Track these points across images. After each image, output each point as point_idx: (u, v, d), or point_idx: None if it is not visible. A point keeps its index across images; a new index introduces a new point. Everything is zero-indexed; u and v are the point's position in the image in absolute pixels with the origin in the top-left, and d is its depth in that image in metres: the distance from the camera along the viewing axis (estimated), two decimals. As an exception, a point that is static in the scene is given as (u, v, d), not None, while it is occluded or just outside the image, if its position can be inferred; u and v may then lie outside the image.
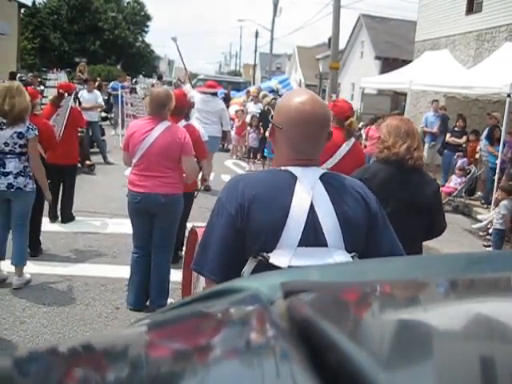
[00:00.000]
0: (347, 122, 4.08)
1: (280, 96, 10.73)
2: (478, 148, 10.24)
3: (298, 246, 1.60)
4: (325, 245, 1.62)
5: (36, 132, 4.42)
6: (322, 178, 1.69)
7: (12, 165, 4.35)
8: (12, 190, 4.34)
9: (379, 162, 2.97)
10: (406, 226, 2.87)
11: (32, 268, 4.87)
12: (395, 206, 2.81)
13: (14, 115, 4.29)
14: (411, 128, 2.95)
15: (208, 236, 1.71)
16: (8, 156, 4.34)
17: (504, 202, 7.09)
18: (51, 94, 6.91)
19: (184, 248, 3.65)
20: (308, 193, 1.63)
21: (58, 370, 0.80)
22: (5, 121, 4.30)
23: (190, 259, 3.63)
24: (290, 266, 1.58)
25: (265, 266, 1.58)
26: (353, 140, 4.17)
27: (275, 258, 1.60)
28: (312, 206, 1.62)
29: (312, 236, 1.61)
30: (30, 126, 4.39)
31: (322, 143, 1.77)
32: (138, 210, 4.10)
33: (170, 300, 4.24)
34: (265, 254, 1.60)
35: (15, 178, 4.35)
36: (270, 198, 1.62)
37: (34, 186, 4.52)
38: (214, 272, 1.67)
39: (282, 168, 1.71)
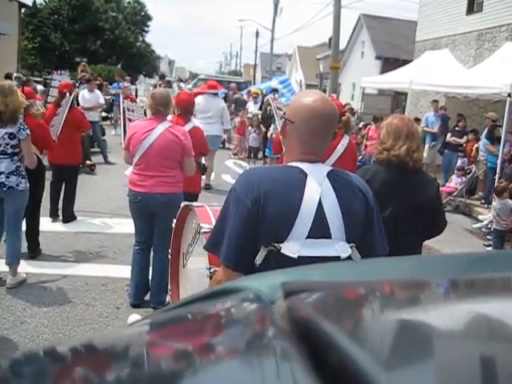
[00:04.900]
0: (344, 118, 4.32)
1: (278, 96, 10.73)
2: (475, 146, 10.22)
3: (307, 237, 1.73)
4: (329, 237, 1.76)
5: (28, 132, 4.38)
6: (329, 174, 1.82)
7: (3, 165, 4.34)
8: (4, 188, 4.34)
9: (378, 163, 2.92)
10: (406, 226, 2.86)
11: (33, 268, 4.88)
12: (396, 208, 2.80)
13: (8, 115, 4.27)
14: (411, 129, 2.90)
15: (223, 223, 1.82)
16: (0, 156, 4.34)
17: (493, 203, 7.16)
18: (56, 93, 6.98)
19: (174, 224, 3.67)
20: (317, 189, 1.77)
21: (58, 369, 0.81)
22: None
23: (180, 232, 3.69)
24: (299, 256, 1.72)
25: (276, 255, 1.74)
26: (348, 138, 4.31)
27: (286, 248, 1.73)
28: (320, 201, 1.75)
29: (319, 228, 1.74)
30: (22, 126, 4.36)
31: (329, 141, 1.91)
32: (138, 209, 4.19)
33: (169, 296, 4.28)
34: (276, 244, 1.73)
35: (7, 177, 4.35)
36: (284, 193, 1.76)
37: (27, 185, 4.51)
38: (229, 259, 1.80)
39: (293, 164, 1.83)
